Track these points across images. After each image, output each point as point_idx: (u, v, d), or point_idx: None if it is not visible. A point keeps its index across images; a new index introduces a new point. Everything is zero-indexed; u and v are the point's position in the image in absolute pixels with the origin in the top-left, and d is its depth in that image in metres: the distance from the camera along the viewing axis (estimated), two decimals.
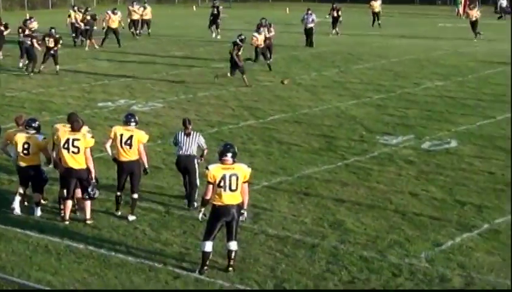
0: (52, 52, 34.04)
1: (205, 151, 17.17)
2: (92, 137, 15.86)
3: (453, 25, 58.72)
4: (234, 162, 13.17)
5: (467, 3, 68.72)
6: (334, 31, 49.21)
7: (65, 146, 15.53)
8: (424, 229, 15.20)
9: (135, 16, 48.45)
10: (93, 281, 13.02)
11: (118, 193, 16.18)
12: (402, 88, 30.43)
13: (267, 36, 35.60)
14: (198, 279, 13.03)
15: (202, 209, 13.35)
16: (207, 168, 13.18)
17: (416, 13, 70.13)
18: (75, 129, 15.70)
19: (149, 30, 49.02)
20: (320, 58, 39.18)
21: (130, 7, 48.83)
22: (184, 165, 16.81)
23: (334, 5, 50.38)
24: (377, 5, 55.39)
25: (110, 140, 16.06)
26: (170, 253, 14.06)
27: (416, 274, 13.17)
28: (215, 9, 49.45)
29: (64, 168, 15.70)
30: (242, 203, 13.24)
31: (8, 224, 15.56)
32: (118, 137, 15.88)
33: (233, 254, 13.22)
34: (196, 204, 16.24)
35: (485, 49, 42.26)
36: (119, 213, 16.08)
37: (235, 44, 31.17)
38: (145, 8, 49.52)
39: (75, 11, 45.40)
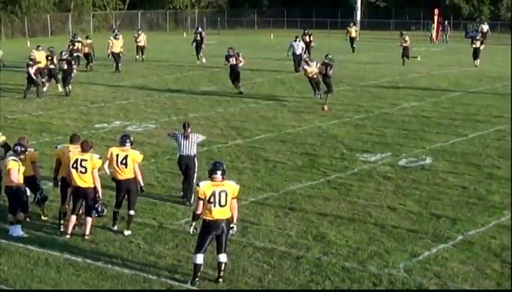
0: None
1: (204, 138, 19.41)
2: (100, 158, 15.79)
3: (426, 49, 58.99)
4: (223, 179, 13.12)
5: (440, 28, 69.26)
6: (305, 56, 48.88)
7: (74, 166, 15.48)
8: (402, 241, 15.18)
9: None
10: None
11: (116, 210, 16.10)
12: (380, 108, 30.48)
13: (235, 64, 35.28)
14: (190, 290, 12.96)
15: (193, 223, 13.29)
16: (197, 185, 13.13)
17: (392, 38, 70.30)
18: (84, 150, 15.65)
19: (144, 56, 49.01)
20: (302, 81, 39.16)
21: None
22: (185, 164, 17.92)
23: (306, 31, 50.52)
24: (353, 31, 55.75)
25: (108, 161, 16.00)
26: (163, 266, 13.98)
27: (395, 284, 13.14)
28: (198, 35, 49.44)
29: (72, 186, 15.65)
30: (232, 218, 13.19)
31: (11, 239, 15.46)
32: (115, 158, 15.85)
33: (222, 266, 13.16)
34: (191, 201, 16.95)
35: (457, 72, 42.41)
36: (115, 228, 16.00)
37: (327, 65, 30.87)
38: (139, 35, 49.55)
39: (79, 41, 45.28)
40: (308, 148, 23.54)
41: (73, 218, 15.73)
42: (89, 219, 15.66)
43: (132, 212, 15.92)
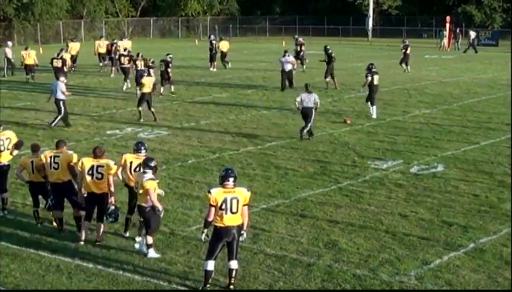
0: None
1: (318, 104, 26.41)
2: (115, 164, 15.84)
3: (438, 57, 58.91)
4: (235, 185, 13.12)
5: (452, 36, 69.12)
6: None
7: (90, 172, 15.53)
8: (413, 248, 15.15)
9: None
10: None
11: (128, 216, 16.12)
12: (391, 116, 30.45)
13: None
14: None
15: (205, 230, 13.28)
16: (209, 192, 13.12)
17: None
18: (97, 156, 15.69)
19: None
20: (314, 88, 39.14)
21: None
22: (305, 113, 25.49)
23: (297, 39, 50.36)
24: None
25: (121, 167, 16.01)
26: (174, 272, 13.99)
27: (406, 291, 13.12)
28: (210, 44, 49.62)
29: (87, 193, 15.69)
30: (242, 224, 13.19)
31: (22, 244, 15.49)
32: (128, 164, 15.88)
33: (233, 273, 13.15)
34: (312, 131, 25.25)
35: (468, 80, 42.33)
36: (127, 234, 16.01)
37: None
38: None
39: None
40: (319, 155, 23.52)
41: (87, 224, 15.78)
42: (101, 225, 15.71)
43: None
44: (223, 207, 12.88)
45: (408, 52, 47.68)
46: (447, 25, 71.74)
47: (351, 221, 16.94)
